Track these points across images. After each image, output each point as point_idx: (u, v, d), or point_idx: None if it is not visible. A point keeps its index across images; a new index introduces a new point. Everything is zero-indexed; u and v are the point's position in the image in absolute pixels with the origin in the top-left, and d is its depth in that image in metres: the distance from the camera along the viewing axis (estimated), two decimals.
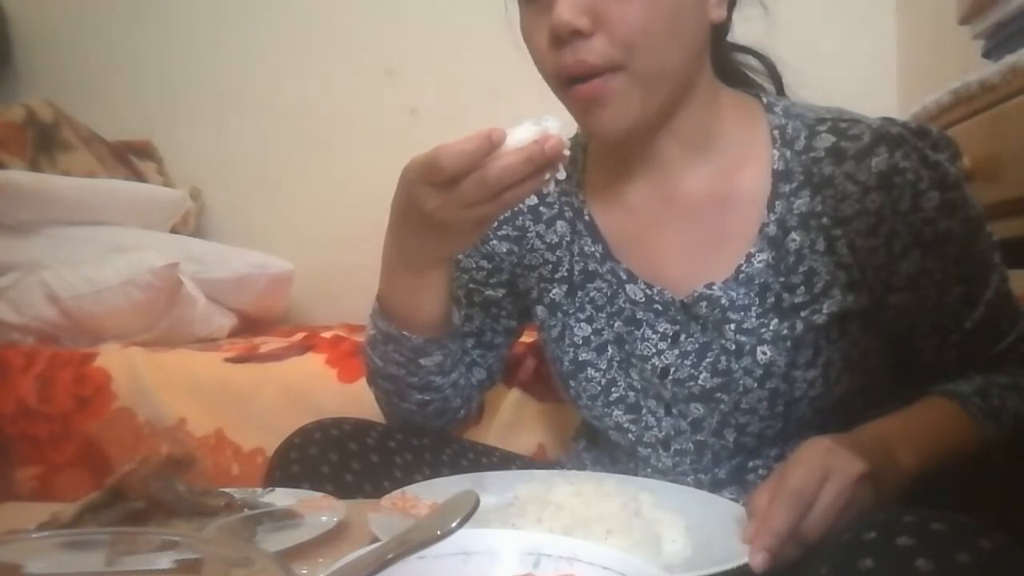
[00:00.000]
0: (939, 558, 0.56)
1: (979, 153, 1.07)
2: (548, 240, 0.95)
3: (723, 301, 0.83)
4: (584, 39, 0.77)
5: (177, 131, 2.47)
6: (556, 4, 0.77)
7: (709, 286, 0.84)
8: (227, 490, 0.82)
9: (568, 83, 0.80)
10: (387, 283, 0.90)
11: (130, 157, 2.32)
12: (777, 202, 0.82)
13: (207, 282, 1.93)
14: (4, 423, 1.52)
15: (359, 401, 1.37)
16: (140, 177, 2.28)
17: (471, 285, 1.00)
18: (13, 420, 1.53)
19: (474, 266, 0.99)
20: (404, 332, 0.90)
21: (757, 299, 0.83)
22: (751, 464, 0.86)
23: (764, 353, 0.81)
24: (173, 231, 2.20)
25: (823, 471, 0.68)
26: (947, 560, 0.56)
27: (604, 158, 0.93)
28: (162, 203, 2.16)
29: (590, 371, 0.91)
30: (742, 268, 0.83)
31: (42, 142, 2.08)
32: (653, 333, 0.88)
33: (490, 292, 1.00)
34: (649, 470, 0.90)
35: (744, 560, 0.64)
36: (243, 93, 2.46)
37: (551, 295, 0.94)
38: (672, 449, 0.88)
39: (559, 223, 0.94)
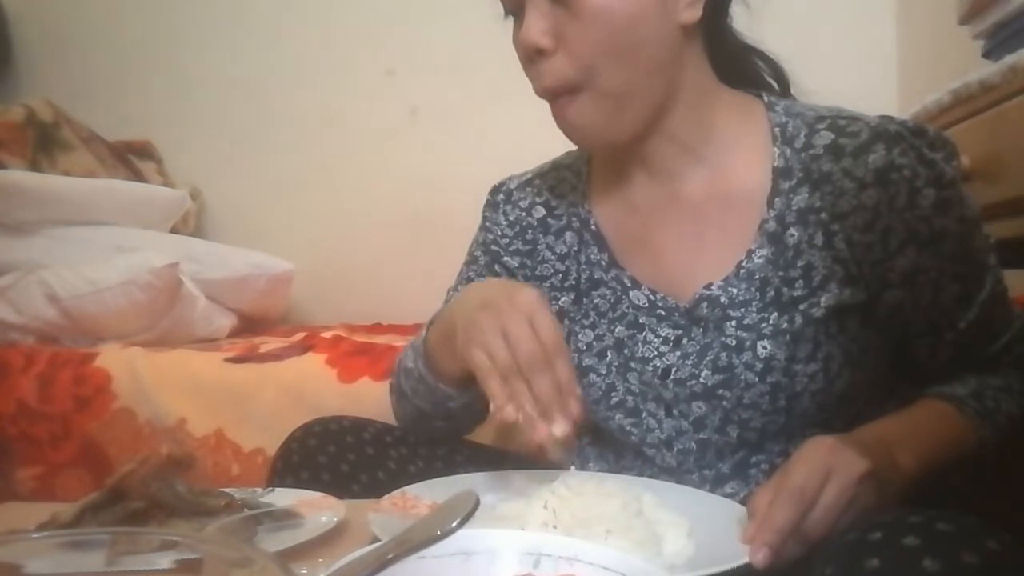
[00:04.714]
0: (946, 558, 0.56)
1: (979, 153, 1.07)
2: (558, 251, 0.96)
3: (723, 300, 0.84)
4: (547, 58, 0.80)
5: (177, 131, 2.47)
6: (524, 24, 0.80)
7: (708, 286, 0.85)
8: (227, 490, 0.82)
9: (548, 98, 0.83)
10: (440, 345, 0.90)
11: (130, 157, 2.32)
12: (777, 199, 0.83)
13: (207, 282, 1.93)
14: (4, 423, 1.53)
15: (359, 401, 1.37)
16: (140, 177, 2.29)
17: None
18: (13, 420, 1.53)
19: None
20: (441, 385, 0.92)
21: (757, 294, 0.83)
22: (754, 459, 0.87)
23: (764, 347, 0.82)
24: (173, 231, 2.20)
25: (825, 470, 0.68)
26: (953, 560, 0.56)
27: (607, 167, 0.95)
28: (162, 203, 2.16)
29: (592, 376, 0.92)
30: (742, 264, 0.84)
31: (42, 142, 2.08)
32: (655, 337, 0.89)
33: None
34: (655, 469, 0.90)
35: (746, 559, 0.64)
36: (243, 93, 2.46)
37: (559, 303, 0.95)
38: (675, 449, 0.89)
39: (567, 234, 0.96)
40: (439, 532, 0.48)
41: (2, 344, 1.71)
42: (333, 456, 0.94)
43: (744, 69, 0.93)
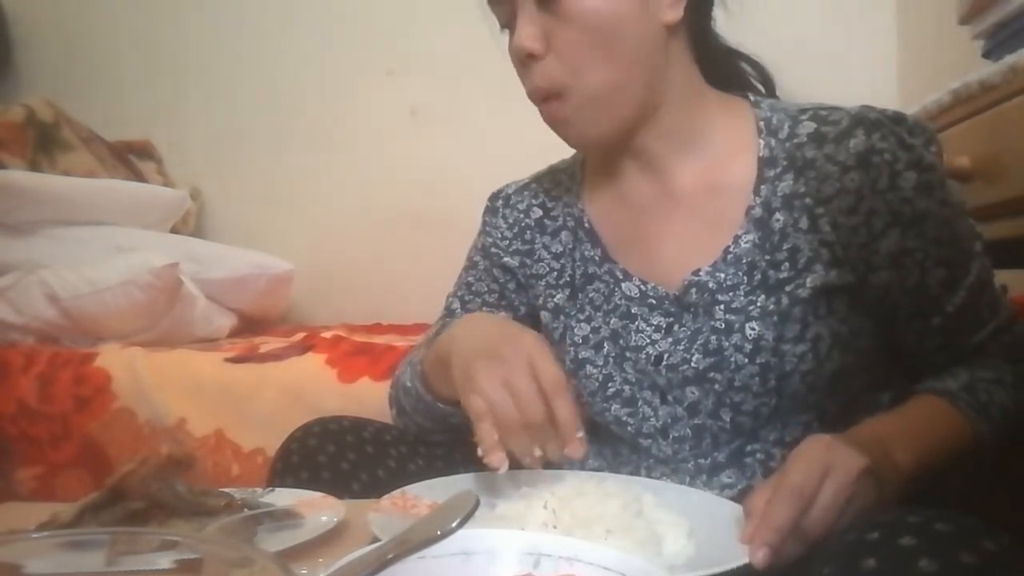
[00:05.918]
0: (942, 559, 0.56)
1: (979, 153, 1.07)
2: (553, 250, 1.00)
3: (711, 285, 0.86)
4: (538, 61, 0.84)
5: (177, 131, 2.47)
6: (516, 31, 0.85)
7: (696, 272, 0.87)
8: (227, 490, 0.82)
9: (538, 100, 0.87)
10: (435, 372, 0.92)
11: (130, 157, 2.32)
12: (762, 186, 0.86)
13: (207, 282, 1.93)
14: (4, 423, 1.53)
15: (359, 401, 1.37)
16: (140, 177, 2.29)
17: (484, 309, 1.04)
18: (13, 420, 1.53)
19: (485, 290, 1.05)
20: (439, 404, 0.94)
21: (745, 278, 0.85)
22: (749, 448, 0.87)
23: (752, 328, 0.84)
24: (173, 231, 2.20)
25: (823, 468, 0.68)
26: (950, 561, 0.56)
27: (600, 167, 0.98)
28: (162, 203, 2.16)
29: (588, 368, 0.93)
30: (729, 249, 0.86)
31: (42, 142, 2.08)
32: (647, 325, 0.91)
33: (501, 315, 1.03)
34: (651, 460, 0.91)
35: (746, 560, 0.64)
36: (243, 93, 2.46)
37: (555, 300, 0.98)
38: (671, 437, 0.90)
39: (563, 233, 0.99)
40: (439, 532, 0.48)
41: (2, 344, 1.71)
42: (333, 456, 0.95)
43: (729, 73, 0.96)
